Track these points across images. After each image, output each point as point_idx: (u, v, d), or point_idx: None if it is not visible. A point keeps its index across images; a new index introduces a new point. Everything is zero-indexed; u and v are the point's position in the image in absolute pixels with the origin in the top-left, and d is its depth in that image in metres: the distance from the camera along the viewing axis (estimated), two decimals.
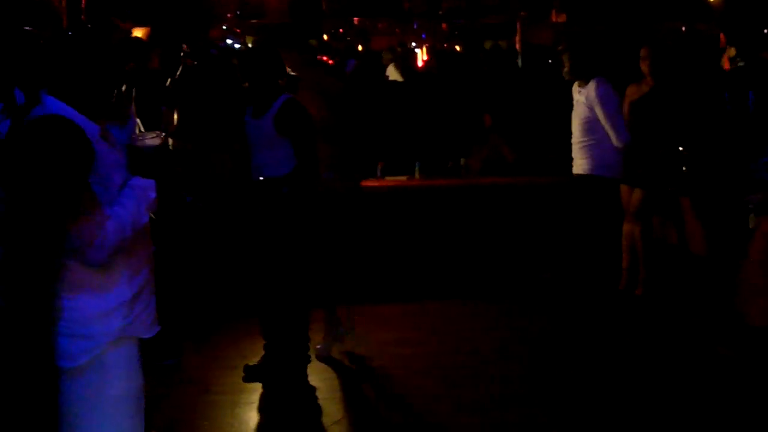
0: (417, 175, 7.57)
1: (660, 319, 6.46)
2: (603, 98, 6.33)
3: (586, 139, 6.44)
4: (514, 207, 7.36)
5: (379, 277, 7.16)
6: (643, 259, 6.83)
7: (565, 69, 6.55)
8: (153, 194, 2.96)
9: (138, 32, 12.02)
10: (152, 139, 3.01)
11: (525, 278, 7.26)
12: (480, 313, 6.72)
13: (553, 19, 12.79)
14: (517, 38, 11.82)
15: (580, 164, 6.51)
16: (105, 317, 2.89)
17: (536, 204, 7.35)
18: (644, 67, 6.87)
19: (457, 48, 14.05)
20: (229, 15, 13.90)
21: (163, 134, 3.07)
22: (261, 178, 5.02)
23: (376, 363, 5.72)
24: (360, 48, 13.55)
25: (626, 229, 6.90)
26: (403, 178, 7.59)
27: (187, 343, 5.94)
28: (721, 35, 11.98)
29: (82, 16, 11.75)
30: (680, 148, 6.81)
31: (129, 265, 2.96)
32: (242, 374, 5.39)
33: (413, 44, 14.71)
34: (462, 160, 7.68)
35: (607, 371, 5.51)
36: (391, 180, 7.55)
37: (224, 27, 14.30)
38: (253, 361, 5.48)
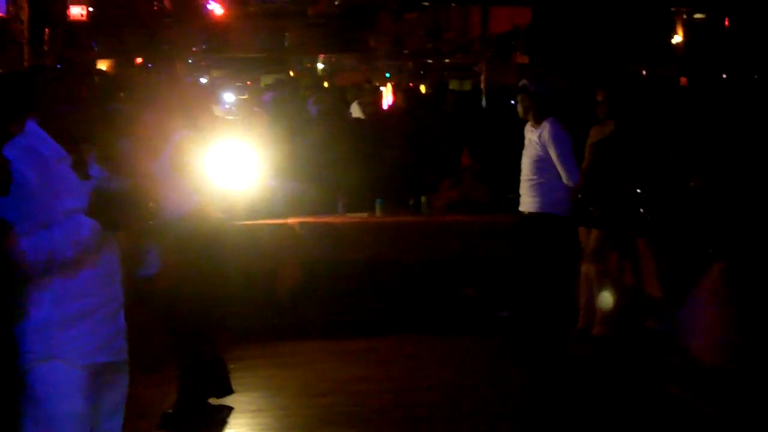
0: (378, 212, 7.59)
1: (615, 358, 6.51)
2: (556, 138, 6.46)
3: (535, 177, 6.56)
4: (473, 245, 7.39)
5: (340, 312, 7.16)
6: (599, 299, 6.88)
7: (520, 109, 6.69)
8: (85, 233, 2.99)
9: (102, 64, 12.02)
10: (117, 183, 3.05)
11: (484, 316, 7.29)
12: (438, 350, 6.72)
13: (517, 61, 12.98)
14: (482, 78, 11.95)
15: (528, 202, 6.63)
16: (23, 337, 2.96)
17: (496, 242, 7.38)
18: (601, 110, 6.99)
19: (422, 87, 14.18)
20: (194, 49, 13.95)
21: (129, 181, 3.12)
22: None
23: (336, 400, 5.67)
24: (326, 84, 13.67)
25: (583, 269, 6.96)
26: (365, 214, 7.61)
27: (140, 376, 5.85)
28: (682, 79, 12.25)
29: (45, 46, 11.72)
30: (638, 191, 6.92)
31: (52, 291, 2.99)
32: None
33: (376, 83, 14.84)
34: (423, 198, 7.71)
35: (563, 408, 5.54)
36: (352, 216, 7.57)
37: (190, 60, 14.34)
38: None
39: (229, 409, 5.35)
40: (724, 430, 5.25)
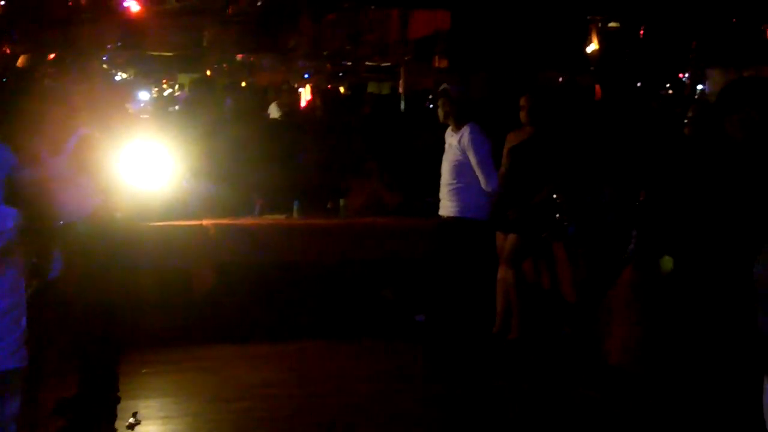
0: (295, 215, 7.52)
1: (531, 362, 6.56)
2: (475, 143, 6.50)
3: (455, 181, 6.59)
4: (391, 248, 7.38)
5: (255, 316, 7.06)
6: (516, 303, 6.92)
7: (440, 113, 6.72)
8: (10, 223, 2.86)
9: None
10: (30, 173, 2.96)
11: (401, 320, 7.28)
12: (352, 355, 6.68)
13: (436, 65, 13.03)
14: (401, 82, 11.97)
15: (448, 206, 6.65)
16: None
17: (413, 246, 7.37)
18: (523, 115, 7.03)
19: (341, 89, 14.14)
20: (109, 46, 13.67)
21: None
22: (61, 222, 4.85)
23: (247, 405, 5.57)
24: (243, 84, 13.53)
25: (500, 274, 6.99)
26: (282, 216, 7.53)
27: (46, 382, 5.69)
28: (597, 87, 12.45)
29: None
30: (554, 196, 6.99)
31: None
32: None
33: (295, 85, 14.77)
34: (341, 201, 7.67)
35: (478, 413, 5.55)
36: (268, 218, 7.48)
37: (105, 57, 14.05)
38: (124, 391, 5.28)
39: (137, 415, 5.21)
40: (632, 428, 5.36)
